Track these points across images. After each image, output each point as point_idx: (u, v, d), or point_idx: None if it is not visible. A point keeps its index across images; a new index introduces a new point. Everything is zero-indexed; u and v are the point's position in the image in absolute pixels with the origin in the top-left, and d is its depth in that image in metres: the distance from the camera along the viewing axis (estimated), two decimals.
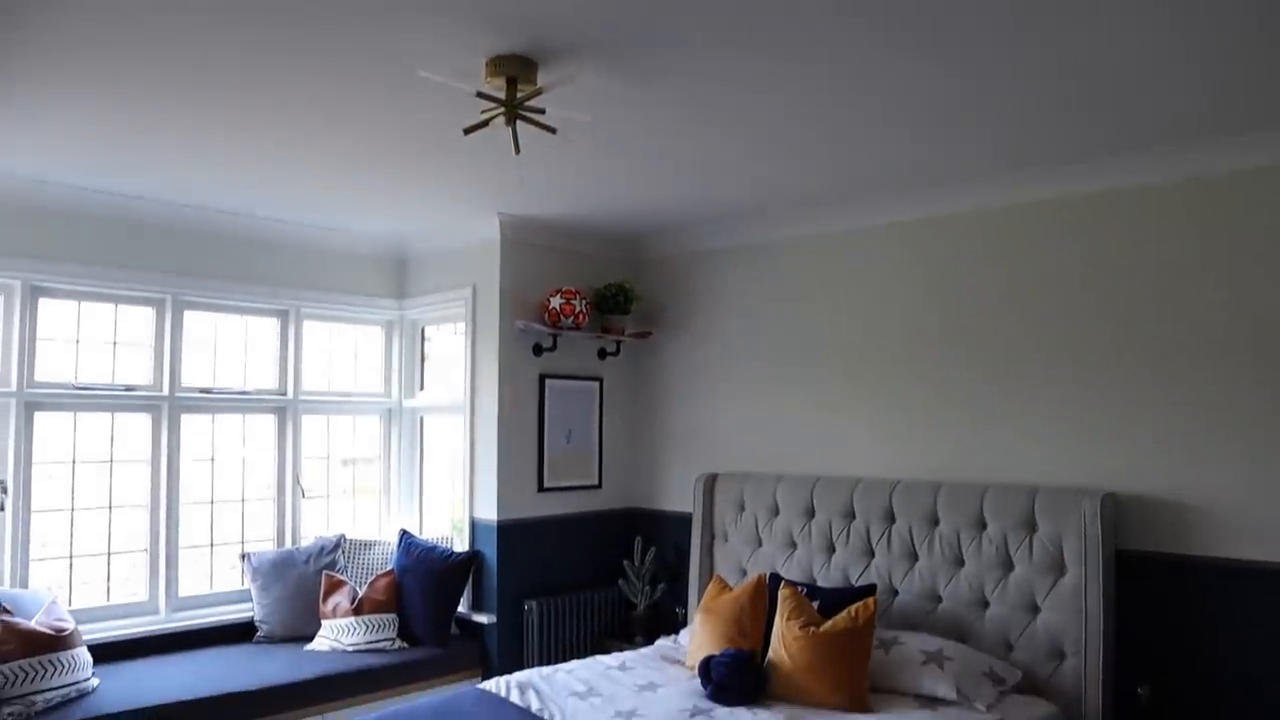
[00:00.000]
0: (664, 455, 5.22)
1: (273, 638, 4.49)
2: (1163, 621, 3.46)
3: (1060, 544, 3.52)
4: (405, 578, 4.61)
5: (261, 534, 4.86)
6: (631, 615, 4.95)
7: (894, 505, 3.99)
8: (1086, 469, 3.65)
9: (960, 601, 3.76)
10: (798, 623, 3.46)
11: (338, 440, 5.23)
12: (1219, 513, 3.36)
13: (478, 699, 3.33)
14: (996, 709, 3.27)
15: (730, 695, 3.34)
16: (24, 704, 3.39)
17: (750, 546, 4.49)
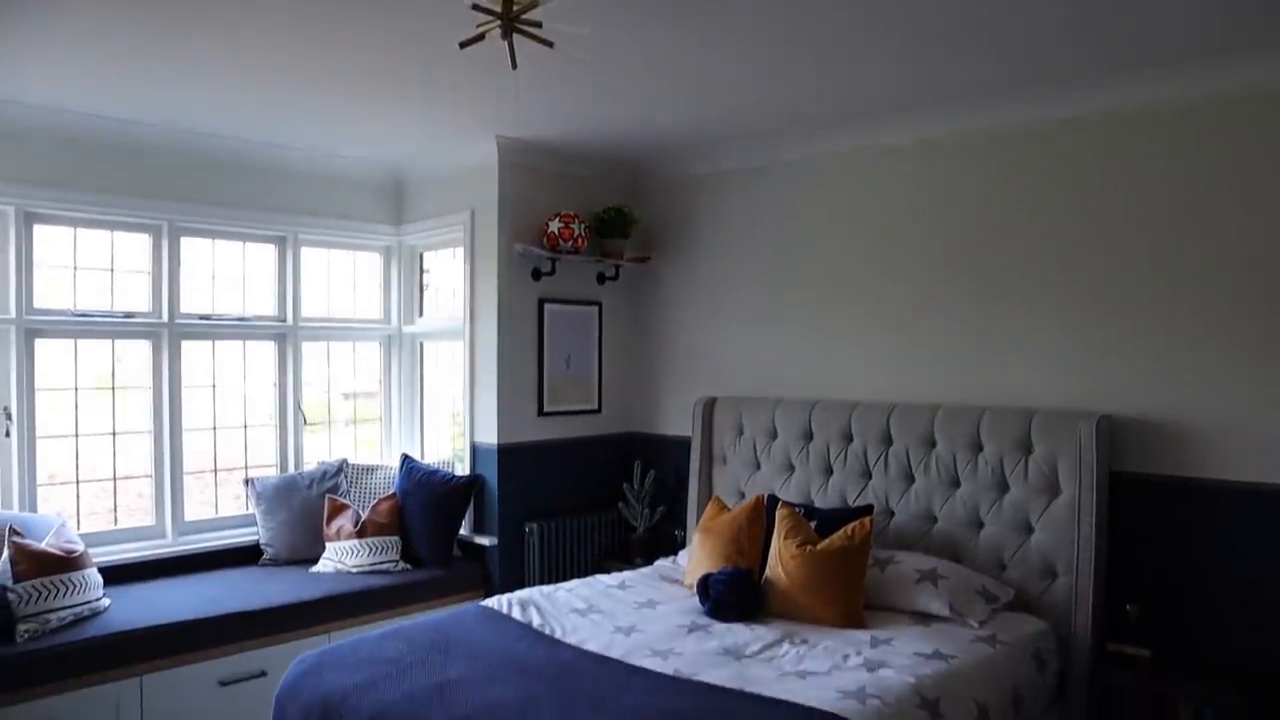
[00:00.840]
0: (663, 380, 5.25)
1: (278, 560, 4.57)
2: (1153, 541, 3.51)
3: (1055, 465, 3.55)
4: (407, 501, 4.67)
5: (264, 459, 4.91)
6: (631, 538, 5.03)
7: (892, 428, 4.02)
8: (1084, 391, 3.67)
9: (955, 522, 3.82)
10: (795, 541, 3.52)
11: (338, 370, 5.25)
12: (1213, 434, 3.38)
13: (480, 615, 3.40)
14: (988, 625, 3.34)
15: (728, 612, 3.42)
16: (39, 621, 3.46)
17: (749, 470, 4.54)
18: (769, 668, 2.92)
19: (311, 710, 2.77)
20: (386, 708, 2.58)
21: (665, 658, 2.99)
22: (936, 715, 2.66)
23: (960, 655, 3.03)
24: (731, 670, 2.87)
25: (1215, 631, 3.37)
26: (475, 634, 3.16)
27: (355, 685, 2.74)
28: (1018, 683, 3.10)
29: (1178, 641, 3.44)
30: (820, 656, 3.02)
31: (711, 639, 3.20)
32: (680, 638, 3.21)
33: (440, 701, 2.56)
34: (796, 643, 3.16)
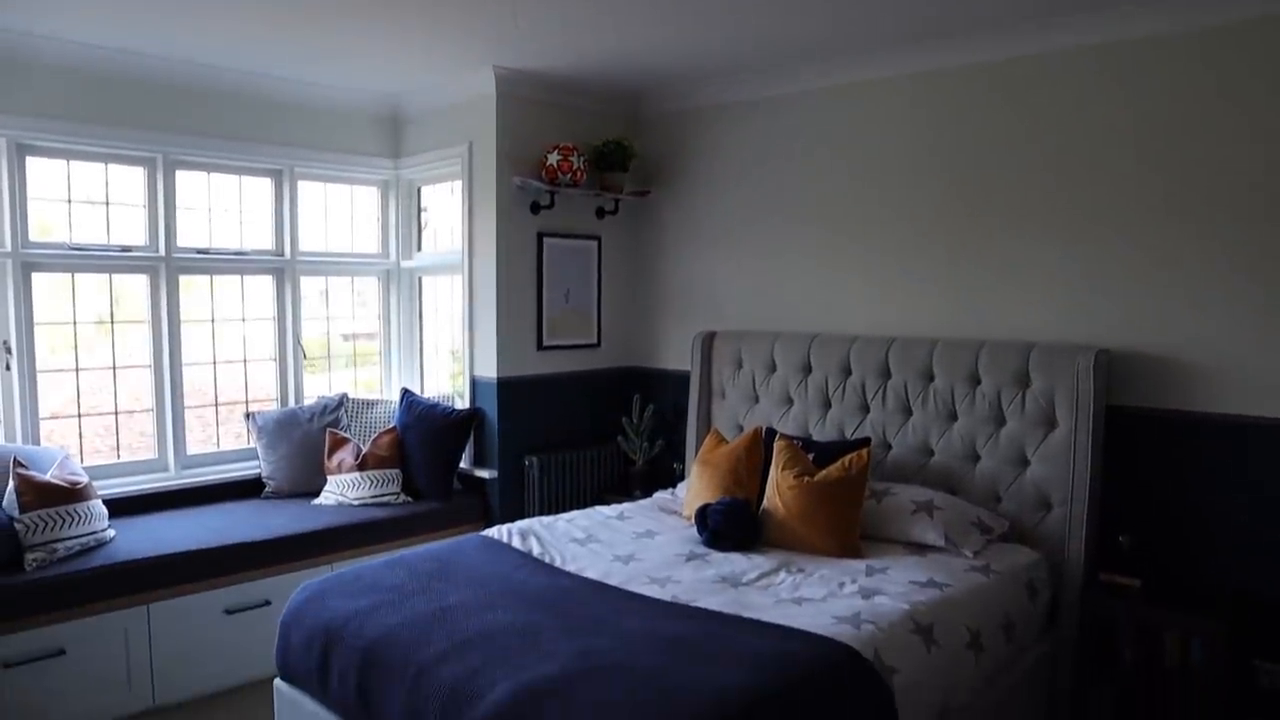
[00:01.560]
0: (662, 314, 5.24)
1: (280, 493, 4.61)
2: (1147, 474, 3.54)
3: (1053, 399, 3.56)
4: (407, 434, 4.70)
5: (265, 394, 4.93)
6: (630, 471, 5.07)
7: (890, 361, 4.03)
8: (1082, 326, 3.67)
9: (952, 455, 3.85)
10: (792, 472, 3.54)
11: (338, 307, 5.24)
12: (1210, 369, 3.39)
13: (481, 544, 3.45)
14: (982, 555, 3.39)
15: (725, 541, 3.46)
16: (46, 551, 3.51)
17: (747, 403, 4.56)
18: (766, 595, 2.97)
19: (314, 636, 2.82)
20: (388, 632, 2.63)
21: (663, 585, 3.03)
22: (930, 640, 2.71)
23: (954, 584, 3.08)
24: (728, 597, 2.92)
25: (1205, 561, 3.42)
26: (475, 562, 3.21)
27: (357, 611, 2.78)
28: (1009, 610, 3.15)
29: (1168, 571, 3.49)
30: (816, 584, 3.07)
31: (709, 567, 3.24)
32: (678, 566, 3.26)
33: (440, 626, 2.61)
34: (793, 571, 3.21)
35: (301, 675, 2.89)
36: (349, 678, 2.63)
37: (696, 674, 2.25)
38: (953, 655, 2.77)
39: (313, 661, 2.80)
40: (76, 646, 3.44)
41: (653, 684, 2.19)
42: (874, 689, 2.40)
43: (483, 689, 2.27)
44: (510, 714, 2.16)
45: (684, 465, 4.78)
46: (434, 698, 2.35)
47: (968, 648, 2.85)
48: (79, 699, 3.46)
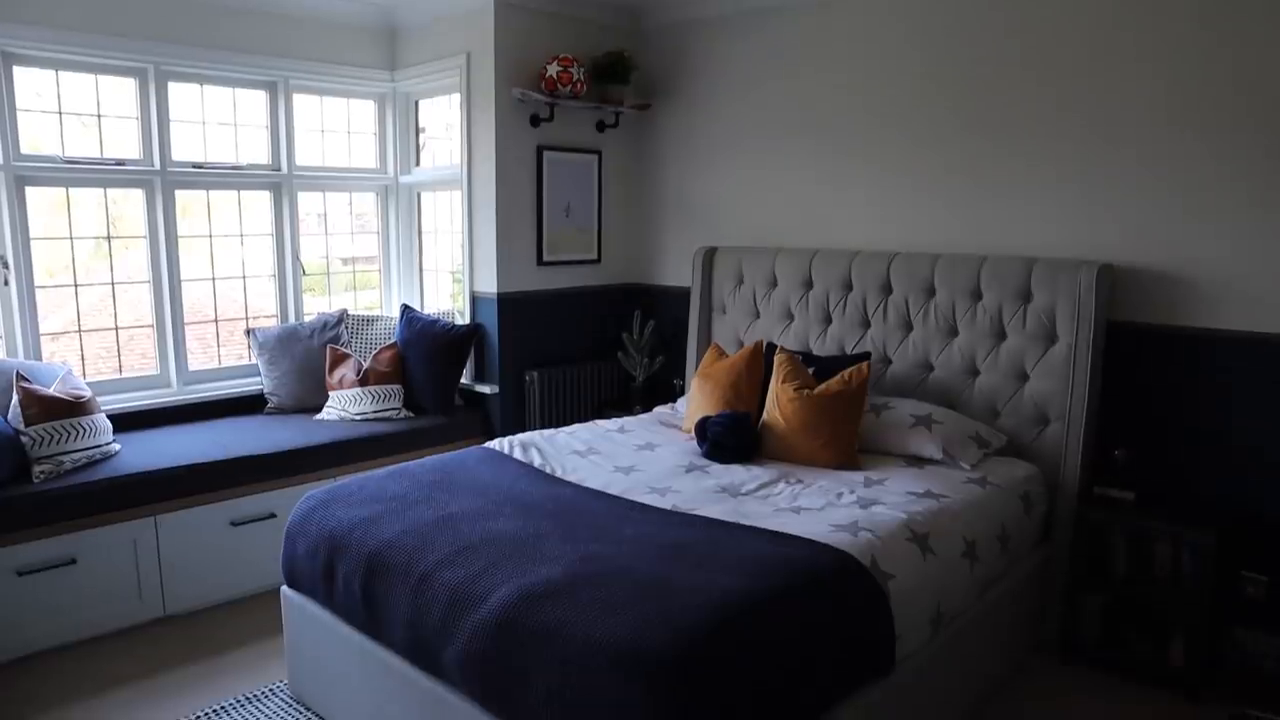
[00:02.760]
0: (663, 230, 5.20)
1: (283, 409, 4.64)
2: (1144, 389, 3.55)
3: (1054, 314, 3.56)
4: (408, 350, 4.70)
5: (265, 310, 4.92)
6: (630, 387, 5.09)
7: (892, 276, 4.01)
8: (1084, 241, 3.64)
9: (952, 370, 3.85)
10: (792, 385, 3.56)
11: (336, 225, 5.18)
12: (1210, 284, 3.37)
13: (482, 456, 3.48)
14: (980, 468, 3.42)
15: (725, 453, 3.49)
16: (53, 463, 3.55)
17: (748, 319, 4.55)
18: (765, 504, 3.01)
19: (319, 543, 2.86)
20: (391, 539, 2.66)
21: (664, 495, 3.07)
22: (926, 549, 2.75)
23: (951, 495, 3.11)
24: (728, 506, 2.96)
25: (1198, 475, 3.45)
26: (477, 472, 3.24)
27: (361, 519, 2.82)
28: (1005, 522, 3.20)
29: (1162, 484, 3.53)
30: (815, 494, 3.11)
31: (709, 478, 3.28)
32: (678, 477, 3.30)
33: (443, 533, 2.64)
34: (792, 482, 3.25)
35: (307, 582, 2.94)
36: (354, 583, 2.68)
37: (697, 577, 2.29)
38: (948, 564, 2.81)
39: (318, 569, 2.85)
40: (87, 556, 3.50)
41: (654, 586, 2.23)
42: (870, 593, 2.45)
43: (485, 592, 2.32)
44: (513, 615, 2.20)
45: (684, 381, 4.80)
46: (437, 601, 2.40)
47: (963, 557, 2.90)
48: (92, 608, 3.54)
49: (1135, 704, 3.21)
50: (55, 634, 3.46)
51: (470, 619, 2.28)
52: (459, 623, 2.31)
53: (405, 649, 2.52)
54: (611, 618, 2.08)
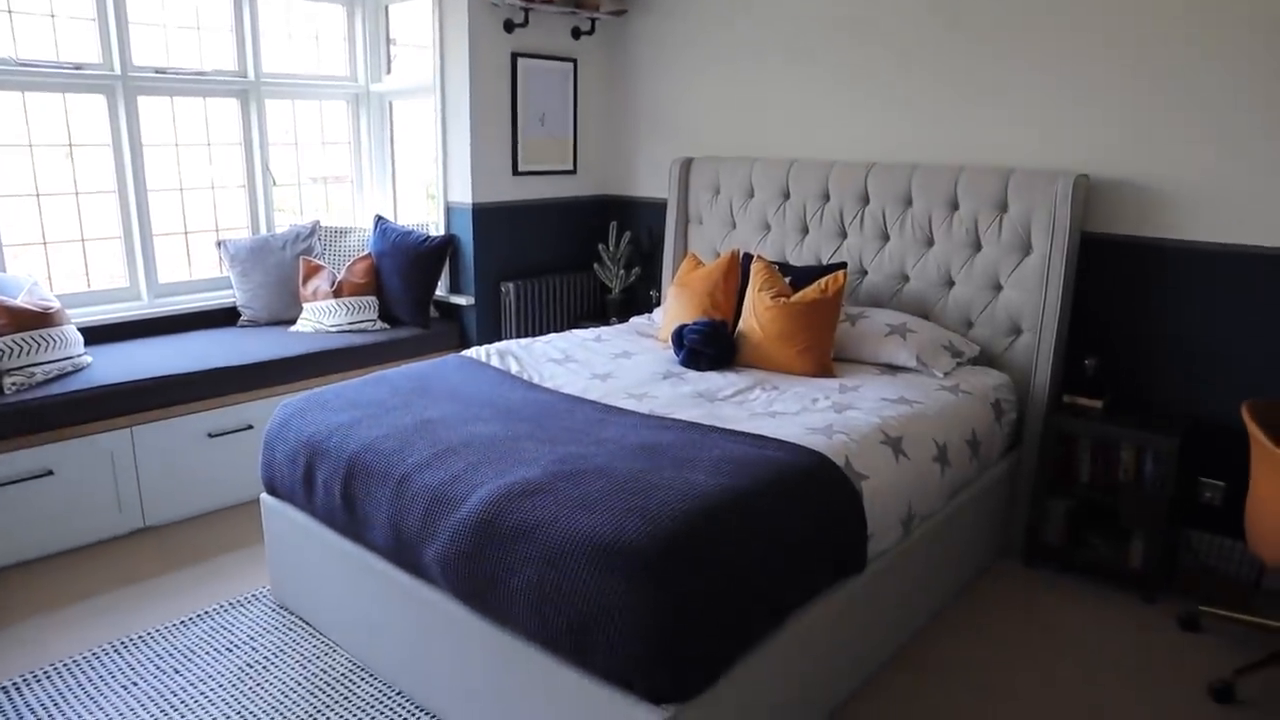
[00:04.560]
0: (639, 140, 5.13)
1: (256, 321, 4.60)
2: (1115, 300, 3.59)
3: (1029, 224, 3.57)
4: (382, 262, 4.66)
5: (235, 222, 4.84)
6: (606, 299, 5.08)
7: (869, 187, 4.00)
8: (1061, 152, 3.63)
9: (927, 281, 3.88)
10: (769, 294, 3.57)
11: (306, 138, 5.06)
12: (1182, 197, 3.39)
13: (459, 363, 3.48)
14: (952, 376, 3.47)
15: (701, 360, 3.51)
16: (24, 375, 3.51)
17: (724, 229, 4.54)
18: (740, 409, 3.04)
19: (298, 449, 2.87)
20: (371, 443, 2.68)
21: (640, 400, 3.10)
22: (899, 451, 2.80)
23: (924, 401, 3.16)
24: (704, 410, 2.99)
25: (1164, 383, 3.53)
26: (455, 379, 3.24)
27: (340, 424, 2.83)
28: (976, 428, 3.25)
29: (1130, 393, 3.61)
30: (790, 400, 3.14)
31: (685, 384, 3.31)
32: (655, 383, 3.32)
33: (422, 437, 2.66)
34: (768, 388, 3.28)
35: (287, 488, 2.96)
36: (334, 487, 2.70)
37: (674, 476, 2.32)
38: (919, 466, 2.87)
39: (297, 474, 2.87)
40: (63, 468, 3.49)
41: (632, 483, 2.26)
42: (844, 493, 2.50)
43: (465, 493, 2.34)
44: (492, 514, 2.23)
45: (660, 293, 4.80)
46: (417, 502, 2.42)
47: (934, 460, 2.96)
48: (71, 520, 3.54)
49: (1094, 603, 3.33)
50: (35, 545, 3.47)
51: (450, 519, 2.31)
52: (439, 523, 2.34)
53: (386, 550, 2.56)
54: (590, 514, 2.12)
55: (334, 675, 2.77)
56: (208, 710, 2.60)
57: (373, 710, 2.60)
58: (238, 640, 2.96)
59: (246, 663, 2.84)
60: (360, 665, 2.82)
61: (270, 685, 2.72)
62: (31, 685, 2.70)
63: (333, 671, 2.79)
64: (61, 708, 2.60)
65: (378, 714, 2.59)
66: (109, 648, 2.90)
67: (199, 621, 3.06)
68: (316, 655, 2.88)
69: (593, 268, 5.13)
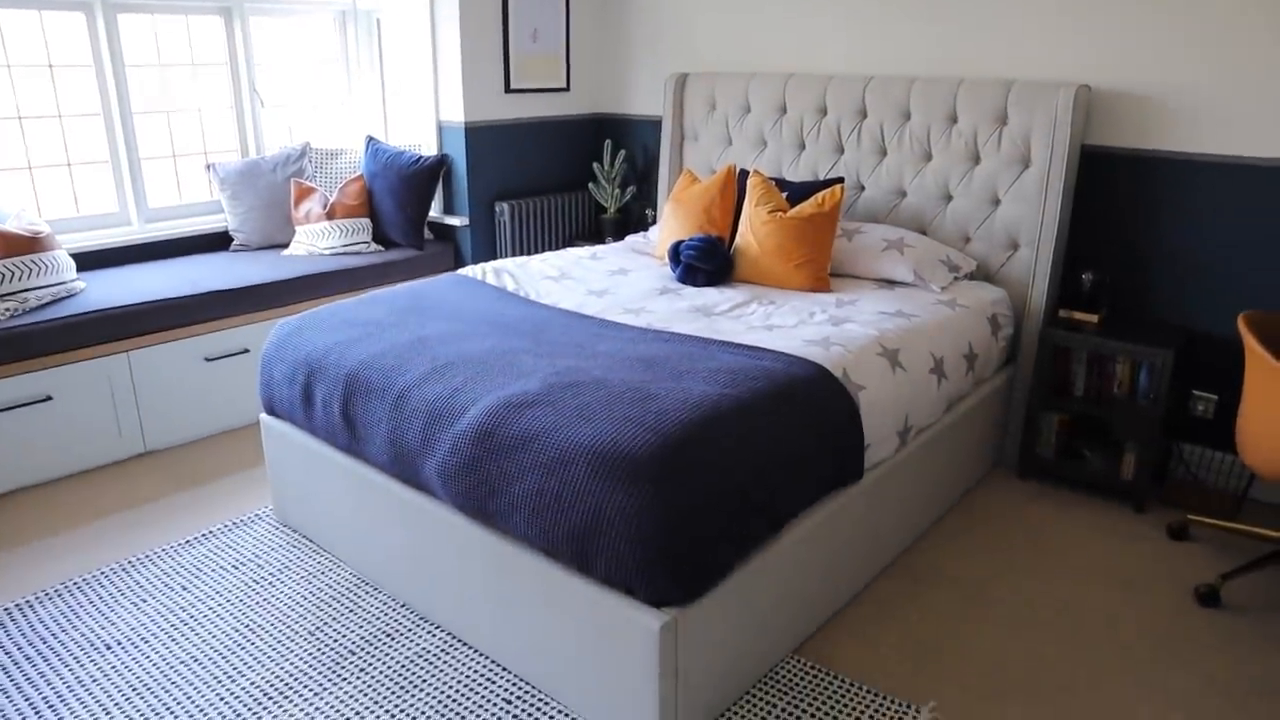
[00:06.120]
0: (633, 57, 5.03)
1: (249, 245, 4.56)
2: (1114, 214, 3.57)
3: (1029, 137, 3.53)
4: (375, 183, 4.60)
5: (225, 145, 4.76)
6: (601, 218, 5.04)
7: (867, 101, 3.93)
8: (1062, 63, 3.57)
9: (925, 196, 3.84)
10: (766, 209, 3.54)
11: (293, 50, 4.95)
12: (1183, 109, 3.34)
13: (455, 281, 3.46)
14: (950, 290, 3.47)
15: (698, 276, 3.50)
16: (17, 300, 3.49)
17: (720, 146, 4.48)
18: (738, 323, 3.04)
19: (296, 368, 2.87)
20: (369, 360, 2.68)
21: (638, 315, 3.09)
22: (895, 363, 2.81)
23: (921, 314, 3.16)
24: (701, 324, 2.99)
25: (1161, 297, 3.53)
26: (451, 297, 3.23)
27: (337, 342, 2.83)
28: (972, 342, 3.26)
29: (1126, 308, 3.61)
30: (787, 314, 3.14)
31: (682, 300, 3.30)
32: (652, 299, 3.31)
33: (420, 353, 2.66)
34: (765, 303, 3.28)
35: (286, 408, 2.97)
36: (333, 404, 2.71)
37: (673, 386, 2.33)
38: (916, 378, 2.88)
39: (296, 393, 2.87)
40: (62, 393, 3.50)
41: (631, 393, 2.27)
42: (841, 402, 2.51)
43: (463, 406, 2.35)
44: (491, 426, 2.24)
45: (655, 211, 4.76)
46: (416, 417, 2.44)
47: (930, 373, 2.97)
48: (71, 445, 3.56)
49: (1086, 514, 3.38)
50: (37, 470, 3.49)
51: (449, 432, 2.33)
52: (438, 436, 2.36)
53: (386, 465, 2.58)
54: (589, 423, 2.13)
55: (338, 590, 2.82)
56: (217, 625, 2.65)
57: (377, 623, 2.66)
58: (243, 558, 3.00)
59: (252, 579, 2.88)
60: (364, 580, 2.86)
61: (276, 600, 2.77)
62: (45, 602, 2.75)
63: (337, 586, 2.84)
64: (75, 623, 2.65)
65: (382, 626, 2.64)
66: (117, 566, 2.94)
67: (204, 541, 3.10)
68: (320, 571, 2.93)
69: (588, 187, 5.08)
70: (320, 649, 2.54)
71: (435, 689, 2.37)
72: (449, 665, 2.47)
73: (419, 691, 2.37)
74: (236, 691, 2.37)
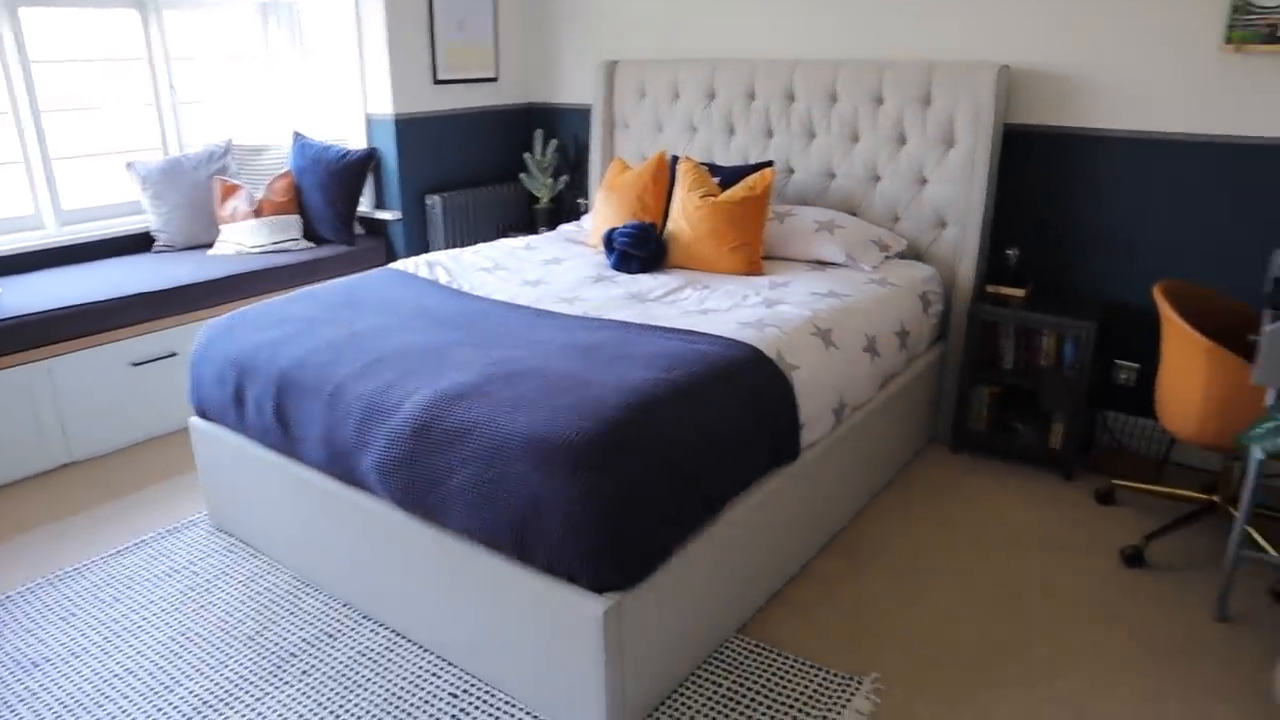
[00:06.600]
0: (562, 45, 5.00)
1: (174, 246, 4.44)
2: (1037, 191, 3.66)
3: (953, 118, 3.59)
4: (303, 179, 4.52)
5: (145, 143, 4.62)
6: (534, 208, 5.02)
7: (795, 85, 3.97)
8: (983, 44, 3.64)
9: (854, 178, 3.89)
10: (698, 193, 3.55)
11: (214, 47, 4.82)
12: (1099, 86, 3.44)
13: (387, 275, 3.42)
14: (880, 270, 3.52)
15: (632, 263, 3.50)
16: None
17: (651, 133, 4.48)
18: (673, 308, 3.05)
19: (226, 369, 2.81)
20: (301, 357, 2.63)
21: (572, 303, 3.08)
22: (829, 343, 2.85)
23: (853, 294, 3.21)
24: (636, 310, 2.99)
25: (1083, 271, 3.63)
26: (384, 291, 3.19)
27: (268, 341, 2.77)
28: (904, 319, 3.32)
29: (1051, 282, 3.71)
30: (721, 298, 3.16)
31: (617, 287, 3.30)
32: (586, 287, 3.31)
33: (353, 348, 2.62)
34: (699, 288, 3.29)
35: (217, 410, 2.90)
36: (265, 404, 2.66)
37: (609, 372, 2.33)
38: (850, 357, 2.92)
39: (227, 394, 2.81)
40: None
41: (567, 381, 2.27)
42: (776, 383, 2.54)
43: (399, 400, 2.33)
44: (427, 418, 2.22)
45: (588, 200, 4.75)
46: (351, 413, 2.40)
47: (864, 351, 3.01)
48: None
49: (1017, 483, 3.47)
50: None
51: (385, 427, 2.30)
52: (374, 432, 2.33)
53: (322, 464, 2.54)
54: (525, 412, 2.12)
55: (278, 593, 2.77)
56: (151, 634, 2.59)
57: (319, 624, 2.62)
58: (177, 566, 2.94)
59: (188, 586, 2.82)
60: (304, 581, 2.82)
61: (214, 606, 2.72)
62: None
63: (277, 589, 2.79)
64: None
65: (323, 627, 2.61)
66: (43, 581, 2.85)
67: (136, 550, 3.02)
68: (259, 575, 2.87)
69: (520, 177, 5.05)
70: (260, 653, 2.50)
71: (380, 688, 2.35)
72: (393, 663, 2.45)
73: (363, 691, 2.34)
74: (174, 701, 2.32)
